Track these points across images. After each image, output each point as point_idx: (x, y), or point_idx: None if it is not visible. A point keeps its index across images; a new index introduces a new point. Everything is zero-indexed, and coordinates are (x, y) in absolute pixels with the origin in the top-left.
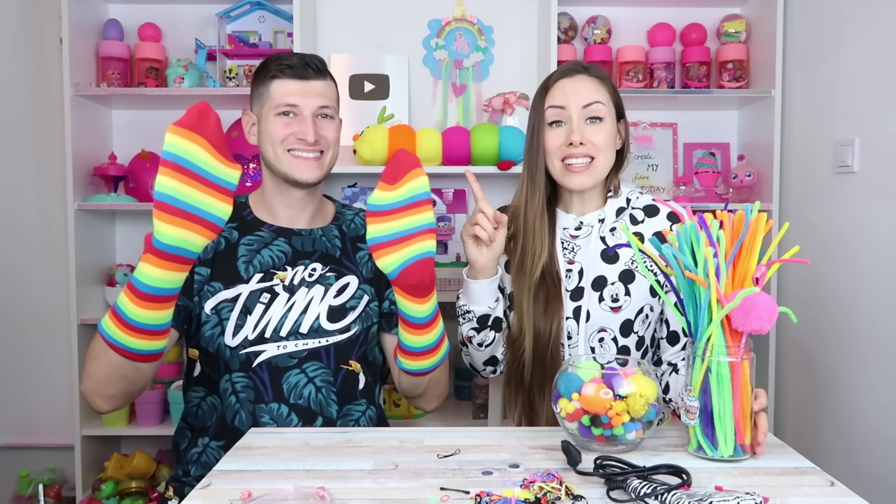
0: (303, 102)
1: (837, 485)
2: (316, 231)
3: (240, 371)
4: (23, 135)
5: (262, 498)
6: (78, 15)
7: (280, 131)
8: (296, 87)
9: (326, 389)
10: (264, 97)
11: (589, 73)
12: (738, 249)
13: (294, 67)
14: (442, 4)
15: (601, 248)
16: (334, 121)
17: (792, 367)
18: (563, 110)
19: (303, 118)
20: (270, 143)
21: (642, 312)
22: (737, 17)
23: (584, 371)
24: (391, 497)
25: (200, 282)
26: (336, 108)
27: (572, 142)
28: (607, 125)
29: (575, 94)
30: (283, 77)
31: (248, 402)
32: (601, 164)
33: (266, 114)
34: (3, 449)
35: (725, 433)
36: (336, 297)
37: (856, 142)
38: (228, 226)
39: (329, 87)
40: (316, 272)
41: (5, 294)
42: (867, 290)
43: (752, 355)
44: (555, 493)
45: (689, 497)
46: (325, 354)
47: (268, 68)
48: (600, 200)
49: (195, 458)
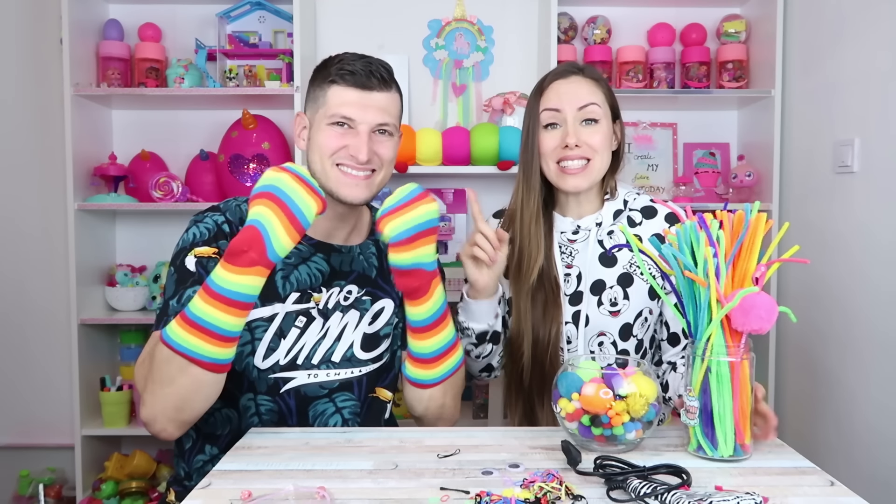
0: (360, 116)
1: (837, 484)
2: (354, 249)
3: (266, 394)
4: (23, 135)
5: (262, 498)
6: (78, 15)
7: (331, 143)
8: (355, 97)
9: (353, 421)
10: (319, 101)
11: (584, 74)
12: (737, 249)
13: (356, 74)
14: (442, 4)
15: (599, 251)
16: (392, 138)
17: (791, 366)
18: (559, 112)
19: (357, 132)
20: (319, 155)
21: (641, 316)
22: (737, 17)
23: (584, 371)
24: (391, 497)
25: None
26: (397, 124)
27: (567, 144)
28: (603, 127)
29: (570, 95)
30: (343, 84)
31: (270, 425)
32: (597, 165)
33: (318, 121)
34: (4, 449)
35: (725, 433)
36: (371, 323)
37: (856, 142)
38: None
39: (392, 101)
40: (352, 295)
41: (5, 294)
42: (867, 289)
43: (751, 355)
44: (555, 493)
45: (689, 497)
46: (357, 385)
47: (328, 70)
48: (597, 203)
49: (200, 465)
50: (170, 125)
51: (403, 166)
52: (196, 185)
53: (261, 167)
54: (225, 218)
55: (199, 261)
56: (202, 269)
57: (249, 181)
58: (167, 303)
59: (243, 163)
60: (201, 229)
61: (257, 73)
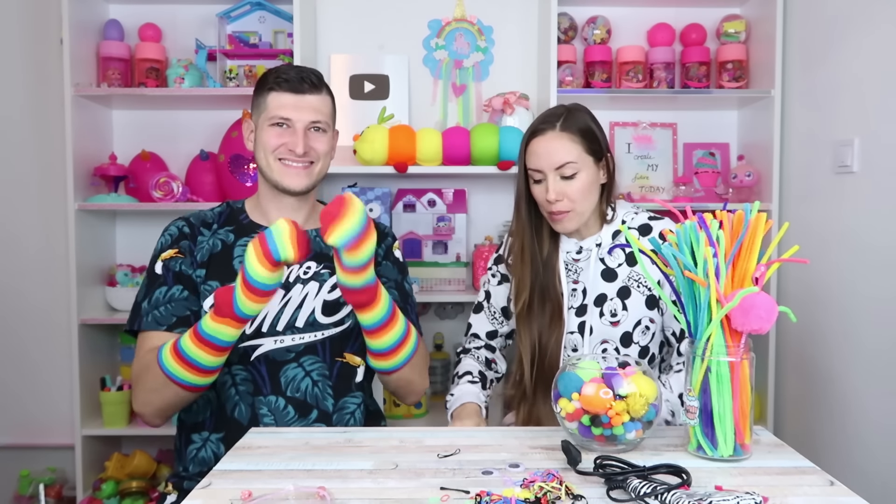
0: (295, 116)
1: (837, 484)
2: (310, 232)
3: (239, 364)
4: (23, 135)
5: (262, 497)
6: (78, 15)
7: (272, 141)
8: (290, 100)
9: (323, 383)
10: (262, 107)
11: (558, 128)
12: (737, 249)
13: (290, 81)
14: (442, 4)
15: (601, 268)
16: (327, 134)
17: (791, 366)
18: (539, 172)
19: (294, 130)
20: (263, 152)
21: (640, 324)
22: (736, 18)
23: (584, 371)
24: (391, 497)
25: (199, 282)
26: (330, 122)
27: (549, 199)
28: (581, 179)
29: (547, 156)
30: (279, 90)
31: (247, 395)
32: (580, 210)
33: (262, 123)
34: (4, 449)
35: (725, 433)
36: (330, 292)
37: (855, 142)
38: (225, 229)
39: (324, 102)
40: (311, 270)
41: (5, 294)
42: (867, 289)
43: (751, 355)
44: (555, 493)
45: (688, 497)
46: (322, 348)
47: (266, 80)
48: (597, 226)
49: (193, 455)
50: (170, 125)
51: (403, 166)
52: (196, 185)
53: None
54: (187, 222)
55: (165, 264)
56: (167, 270)
57: (249, 181)
58: (139, 304)
59: (243, 163)
60: (166, 237)
61: (257, 74)
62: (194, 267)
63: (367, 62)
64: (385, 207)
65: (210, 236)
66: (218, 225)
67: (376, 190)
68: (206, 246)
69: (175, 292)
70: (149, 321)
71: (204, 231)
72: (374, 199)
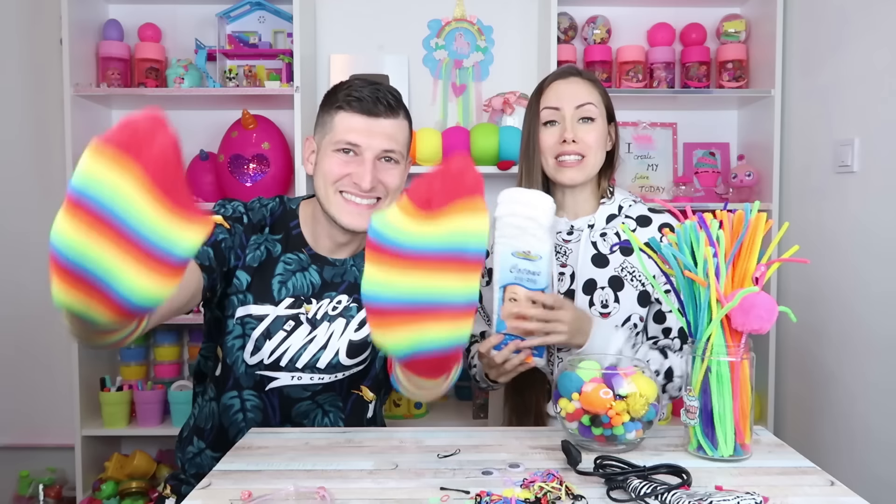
0: (365, 143)
1: (837, 484)
2: (348, 261)
3: (252, 389)
4: (23, 135)
5: (262, 498)
6: (78, 15)
7: (335, 170)
8: (361, 123)
9: (335, 414)
10: (327, 127)
11: (581, 76)
12: (737, 249)
13: (363, 101)
14: (442, 4)
15: (592, 252)
16: (399, 165)
17: (791, 366)
18: (557, 111)
19: (362, 160)
20: (323, 181)
21: (630, 321)
22: (737, 17)
23: (584, 371)
24: (391, 497)
25: (237, 287)
26: (404, 151)
27: (565, 139)
28: (598, 125)
29: (569, 95)
30: (350, 110)
31: (254, 423)
32: (591, 161)
33: (325, 147)
34: (4, 449)
35: (725, 433)
36: (357, 330)
37: (855, 142)
38: (273, 237)
39: (400, 128)
40: (341, 304)
41: (5, 294)
42: (867, 289)
43: (751, 355)
44: (555, 493)
45: (689, 497)
46: (340, 385)
47: (335, 96)
48: (593, 204)
49: (190, 457)
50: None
51: None
52: (196, 186)
53: (261, 167)
54: (246, 213)
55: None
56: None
57: (249, 181)
58: None
59: (243, 163)
60: (227, 207)
61: (257, 74)
62: (238, 259)
63: (367, 62)
64: None
65: (262, 240)
66: (269, 227)
67: None
68: (258, 250)
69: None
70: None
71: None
72: None
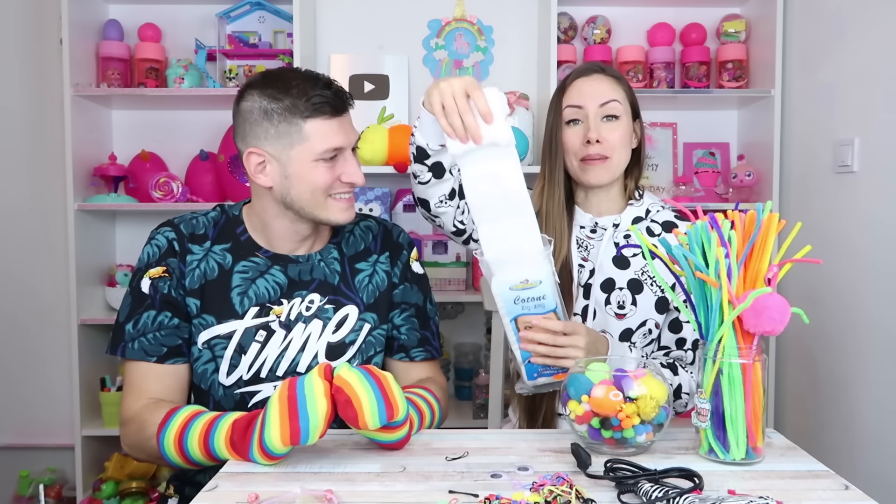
0: (346, 141)
1: (852, 488)
2: (314, 256)
3: (235, 409)
4: (23, 135)
5: (269, 500)
6: (78, 15)
7: (326, 178)
8: (335, 125)
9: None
10: (294, 138)
11: (605, 72)
12: (749, 250)
13: (329, 102)
14: (442, 4)
15: (613, 252)
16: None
17: (792, 366)
18: (581, 109)
19: (346, 157)
20: (311, 190)
21: (645, 326)
22: (737, 17)
23: (594, 373)
24: (399, 500)
25: (191, 313)
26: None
27: (589, 139)
28: (623, 123)
29: (592, 93)
30: (321, 116)
31: None
32: (616, 161)
33: (298, 158)
34: (4, 449)
35: (737, 436)
36: (335, 331)
37: (856, 141)
38: (221, 247)
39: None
40: (314, 304)
41: (5, 294)
42: (868, 289)
43: (763, 357)
44: (565, 497)
45: (701, 501)
46: None
47: (295, 107)
48: (619, 203)
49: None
50: (170, 125)
51: (403, 166)
52: (196, 186)
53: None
54: (175, 230)
55: (153, 283)
56: (154, 291)
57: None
58: (122, 327)
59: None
60: (153, 248)
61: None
62: (184, 292)
63: (367, 62)
64: (385, 207)
65: (203, 255)
66: (212, 240)
67: (376, 190)
68: (198, 269)
69: (164, 319)
70: (135, 349)
71: (194, 248)
72: (374, 199)
